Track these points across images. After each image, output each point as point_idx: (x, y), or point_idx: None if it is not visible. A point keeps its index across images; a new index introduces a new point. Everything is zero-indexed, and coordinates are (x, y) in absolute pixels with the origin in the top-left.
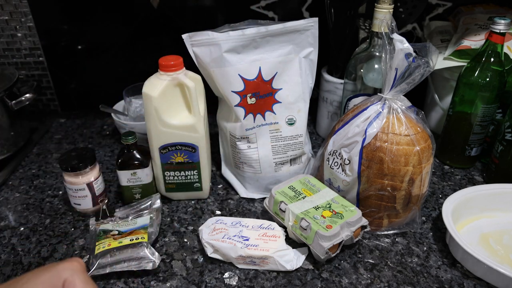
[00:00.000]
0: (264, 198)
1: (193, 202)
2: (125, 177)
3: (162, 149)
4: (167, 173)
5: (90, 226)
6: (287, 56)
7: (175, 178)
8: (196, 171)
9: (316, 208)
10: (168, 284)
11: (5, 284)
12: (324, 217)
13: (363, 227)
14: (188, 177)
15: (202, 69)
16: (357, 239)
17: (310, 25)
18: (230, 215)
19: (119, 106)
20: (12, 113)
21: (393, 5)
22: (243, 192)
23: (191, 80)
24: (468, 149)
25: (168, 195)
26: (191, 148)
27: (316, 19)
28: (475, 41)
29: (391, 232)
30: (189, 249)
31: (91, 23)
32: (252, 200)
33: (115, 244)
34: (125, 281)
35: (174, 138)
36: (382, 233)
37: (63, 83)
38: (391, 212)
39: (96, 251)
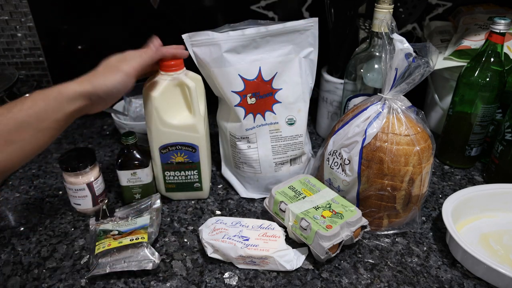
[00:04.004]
0: (264, 198)
1: (193, 202)
2: (125, 177)
3: (162, 149)
4: (167, 173)
5: (90, 226)
6: (287, 56)
7: (175, 178)
8: (196, 171)
9: (316, 208)
10: (168, 284)
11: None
12: (324, 217)
13: (363, 227)
14: (188, 177)
15: (202, 69)
16: (357, 239)
17: (310, 25)
18: (230, 215)
19: (119, 106)
20: None
21: (393, 5)
22: (243, 192)
23: (192, 80)
24: (468, 149)
25: (168, 195)
26: (191, 148)
27: (316, 19)
28: (475, 41)
29: (391, 232)
30: (189, 249)
31: (91, 23)
32: (252, 200)
33: (115, 244)
34: (125, 281)
35: (174, 138)
36: (382, 233)
37: None
38: (391, 212)
39: (96, 251)
